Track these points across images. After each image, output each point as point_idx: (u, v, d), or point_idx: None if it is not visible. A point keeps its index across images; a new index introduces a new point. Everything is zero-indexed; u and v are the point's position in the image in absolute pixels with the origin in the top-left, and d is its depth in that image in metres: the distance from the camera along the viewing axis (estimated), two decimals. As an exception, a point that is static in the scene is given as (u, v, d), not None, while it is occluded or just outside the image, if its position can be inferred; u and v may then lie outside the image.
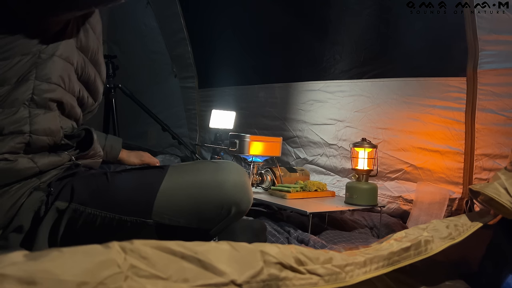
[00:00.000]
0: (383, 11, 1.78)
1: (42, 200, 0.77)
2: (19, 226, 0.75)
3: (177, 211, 0.81)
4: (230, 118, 2.10)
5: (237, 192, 0.83)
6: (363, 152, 1.53)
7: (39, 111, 0.77)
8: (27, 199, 0.76)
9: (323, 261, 0.59)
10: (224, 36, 2.61)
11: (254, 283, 0.51)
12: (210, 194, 0.81)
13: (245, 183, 0.85)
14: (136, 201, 0.80)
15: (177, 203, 0.81)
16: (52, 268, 0.39)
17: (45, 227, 0.76)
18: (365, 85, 1.90)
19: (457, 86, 1.59)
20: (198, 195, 0.81)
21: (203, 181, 0.82)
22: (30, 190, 0.77)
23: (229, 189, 0.82)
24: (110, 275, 0.41)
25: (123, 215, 0.78)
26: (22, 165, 0.74)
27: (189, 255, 0.48)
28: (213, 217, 0.83)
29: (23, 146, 0.75)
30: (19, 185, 0.76)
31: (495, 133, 1.51)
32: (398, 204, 1.75)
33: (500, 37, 1.46)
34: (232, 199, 0.82)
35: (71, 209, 0.77)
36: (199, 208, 0.82)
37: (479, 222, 0.89)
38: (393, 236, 0.80)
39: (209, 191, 0.82)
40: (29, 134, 0.75)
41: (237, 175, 0.84)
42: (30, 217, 0.76)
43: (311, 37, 2.10)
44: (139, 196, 0.80)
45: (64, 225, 0.77)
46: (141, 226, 0.79)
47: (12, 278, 0.37)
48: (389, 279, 0.79)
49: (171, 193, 0.81)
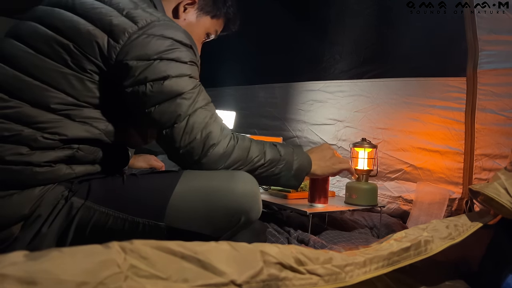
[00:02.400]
0: (383, 11, 1.79)
1: (63, 194, 0.80)
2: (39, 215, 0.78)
3: (189, 215, 0.82)
4: (230, 118, 2.10)
5: (248, 200, 0.85)
6: (363, 152, 1.53)
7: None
8: (50, 191, 0.79)
9: (323, 261, 0.59)
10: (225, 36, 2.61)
11: (254, 283, 0.51)
12: (222, 200, 0.83)
13: (256, 193, 0.87)
14: (149, 203, 0.82)
15: (189, 207, 0.82)
16: (52, 268, 0.39)
17: (58, 221, 0.78)
18: (365, 85, 1.90)
19: (457, 86, 1.59)
20: (210, 200, 0.83)
21: (216, 187, 0.84)
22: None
23: (240, 197, 0.84)
24: (110, 275, 0.41)
25: (136, 216, 0.80)
26: (62, 171, 0.81)
27: (189, 255, 0.48)
28: (223, 224, 0.84)
29: (68, 158, 0.81)
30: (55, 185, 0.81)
31: (495, 133, 1.51)
32: (398, 204, 1.75)
33: (500, 37, 1.46)
34: (243, 207, 0.84)
35: (85, 207, 0.79)
36: (210, 214, 0.83)
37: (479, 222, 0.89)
38: (393, 236, 0.80)
39: (221, 197, 0.83)
40: (76, 150, 0.81)
41: (249, 184, 0.86)
42: (49, 209, 0.79)
43: (311, 37, 2.11)
44: (153, 198, 0.82)
45: (76, 223, 0.78)
46: (153, 229, 0.80)
47: (12, 278, 0.37)
48: (389, 279, 0.79)
49: (184, 197, 0.82)
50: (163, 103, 0.82)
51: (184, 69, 0.85)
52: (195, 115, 0.84)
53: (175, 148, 0.85)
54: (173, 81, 0.82)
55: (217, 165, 0.87)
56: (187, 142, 0.84)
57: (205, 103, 0.87)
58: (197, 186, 0.84)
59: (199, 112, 0.84)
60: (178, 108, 0.83)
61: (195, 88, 0.86)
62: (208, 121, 0.85)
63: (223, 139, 0.87)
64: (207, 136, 0.84)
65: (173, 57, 0.83)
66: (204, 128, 0.84)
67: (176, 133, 0.83)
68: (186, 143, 0.83)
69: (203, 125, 0.84)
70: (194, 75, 0.89)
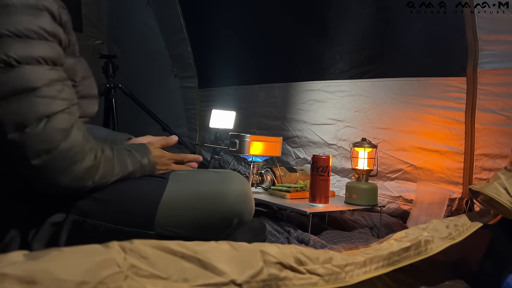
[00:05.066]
0: (383, 11, 1.78)
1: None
2: (13, 237, 0.73)
3: (180, 223, 0.80)
4: (230, 118, 2.10)
5: (240, 203, 0.83)
6: (363, 152, 1.53)
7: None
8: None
9: (323, 261, 0.59)
10: (224, 36, 2.61)
11: (254, 283, 0.51)
12: (213, 205, 0.81)
13: (248, 193, 0.85)
14: (137, 213, 0.78)
15: (179, 215, 0.79)
16: (52, 268, 0.39)
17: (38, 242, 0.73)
18: (365, 85, 1.90)
19: (457, 86, 1.59)
20: (201, 207, 0.80)
21: (206, 192, 0.81)
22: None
23: (232, 200, 0.81)
24: (110, 274, 0.41)
25: (125, 226, 0.77)
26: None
27: (189, 255, 0.48)
28: (216, 229, 0.82)
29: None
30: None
31: (495, 133, 1.51)
32: (398, 204, 1.74)
33: (500, 37, 1.46)
34: (236, 210, 0.82)
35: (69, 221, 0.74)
36: (201, 220, 0.81)
37: (479, 222, 0.89)
38: (393, 236, 0.80)
39: (213, 202, 0.81)
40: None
41: (240, 185, 0.84)
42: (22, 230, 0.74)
43: (311, 37, 2.10)
44: (140, 208, 0.78)
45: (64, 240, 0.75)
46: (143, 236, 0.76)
47: (12, 277, 0.37)
48: (389, 279, 0.79)
49: (173, 205, 0.79)
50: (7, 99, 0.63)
51: (35, 49, 0.64)
52: (54, 119, 0.66)
53: (24, 160, 0.65)
54: (19, 69, 0.63)
55: (83, 184, 0.71)
56: (42, 154, 0.65)
57: (66, 105, 0.69)
58: (187, 193, 0.81)
59: (59, 116, 0.67)
60: (29, 108, 0.64)
61: (55, 83, 0.67)
62: (69, 128, 0.68)
63: (89, 152, 0.71)
64: (69, 148, 0.68)
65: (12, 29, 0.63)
66: (66, 137, 0.67)
67: (27, 140, 0.65)
68: (40, 155, 0.65)
69: (65, 133, 0.67)
70: (53, 56, 0.68)
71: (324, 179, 1.37)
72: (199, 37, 2.79)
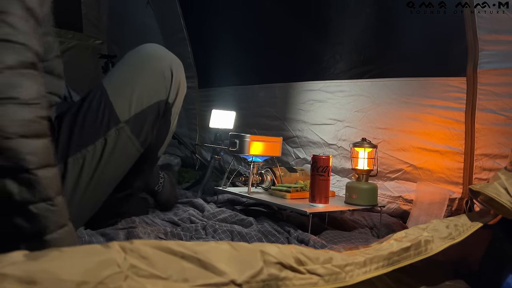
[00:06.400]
0: (383, 11, 1.78)
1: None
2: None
3: (134, 100, 0.95)
4: (230, 118, 2.10)
5: (161, 52, 1.04)
6: (363, 152, 1.53)
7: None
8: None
9: (323, 261, 0.59)
10: (224, 36, 2.61)
11: (254, 283, 0.51)
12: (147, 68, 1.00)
13: (160, 46, 1.05)
14: (101, 120, 0.92)
15: (129, 95, 0.95)
16: (52, 268, 0.39)
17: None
18: (365, 85, 1.90)
19: (457, 86, 1.59)
20: (140, 74, 0.98)
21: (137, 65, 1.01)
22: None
23: (161, 56, 1.03)
24: (110, 274, 0.41)
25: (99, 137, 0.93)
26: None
27: (189, 255, 0.48)
28: (162, 87, 1.01)
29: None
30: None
31: (495, 133, 1.51)
32: (398, 204, 1.74)
33: (500, 37, 1.46)
34: (167, 61, 1.02)
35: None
36: (147, 83, 0.98)
37: (479, 222, 0.89)
38: (393, 236, 0.80)
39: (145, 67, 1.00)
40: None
41: (151, 46, 1.05)
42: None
43: (311, 37, 2.10)
44: (100, 117, 0.93)
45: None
46: (120, 132, 0.94)
47: (12, 277, 0.37)
48: (389, 279, 0.79)
49: (119, 93, 0.95)
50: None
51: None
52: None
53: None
54: None
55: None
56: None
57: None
58: (123, 76, 0.98)
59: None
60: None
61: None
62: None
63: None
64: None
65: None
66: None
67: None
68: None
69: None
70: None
71: (324, 179, 1.37)
72: (199, 37, 2.79)
